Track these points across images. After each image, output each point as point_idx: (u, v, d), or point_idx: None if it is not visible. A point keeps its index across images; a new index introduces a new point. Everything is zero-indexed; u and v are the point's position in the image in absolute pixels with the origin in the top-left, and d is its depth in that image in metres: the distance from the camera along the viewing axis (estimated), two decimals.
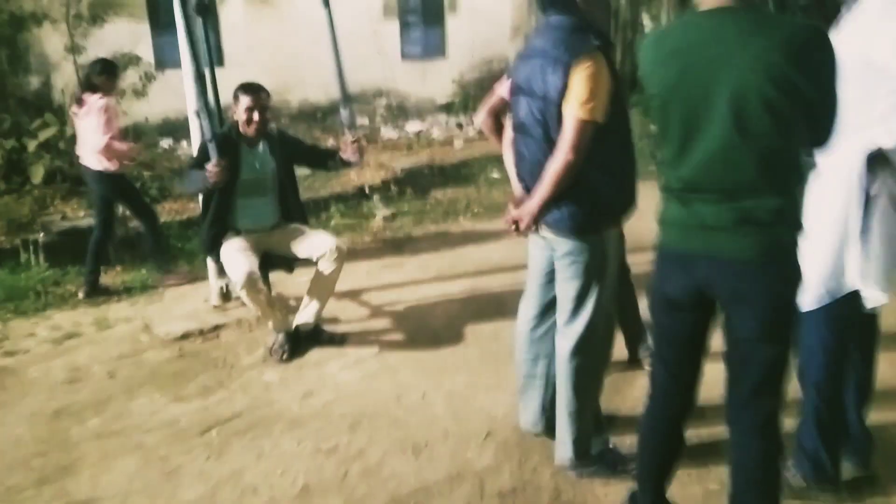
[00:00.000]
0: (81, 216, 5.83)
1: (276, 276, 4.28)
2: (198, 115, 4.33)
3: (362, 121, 11.95)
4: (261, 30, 10.85)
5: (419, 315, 4.43)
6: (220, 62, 10.69)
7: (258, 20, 10.95)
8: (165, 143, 9.40)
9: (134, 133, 8.97)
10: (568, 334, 2.59)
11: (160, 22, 9.98)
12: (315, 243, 3.85)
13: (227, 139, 3.73)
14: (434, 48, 12.80)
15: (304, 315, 3.94)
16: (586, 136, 2.31)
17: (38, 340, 4.24)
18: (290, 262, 3.99)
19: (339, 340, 4.01)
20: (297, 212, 4.04)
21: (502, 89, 2.79)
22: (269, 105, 3.80)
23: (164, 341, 4.12)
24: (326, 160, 4.03)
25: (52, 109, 9.10)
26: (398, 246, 6.14)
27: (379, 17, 11.91)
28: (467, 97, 12.70)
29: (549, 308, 2.75)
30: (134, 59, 9.14)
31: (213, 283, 4.54)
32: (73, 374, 3.78)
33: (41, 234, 5.49)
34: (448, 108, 12.58)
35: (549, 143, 2.40)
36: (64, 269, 5.39)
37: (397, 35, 12.28)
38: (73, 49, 8.93)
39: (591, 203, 2.45)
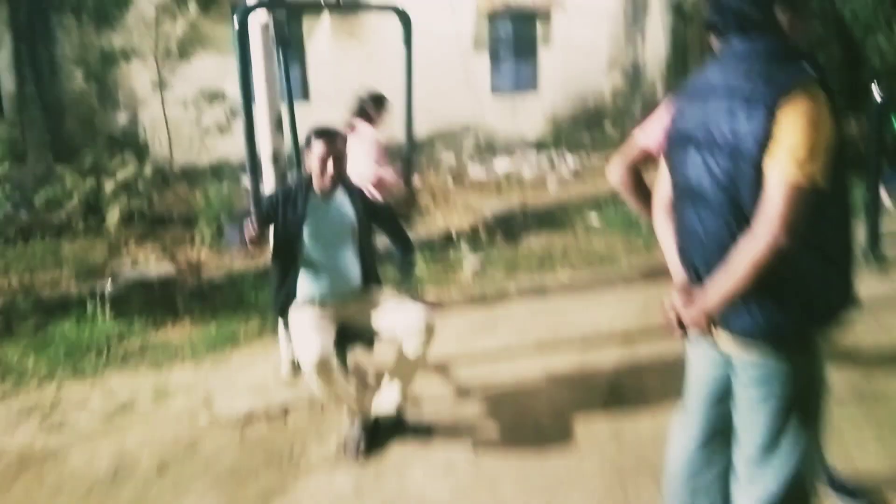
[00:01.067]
0: (152, 263, 5.45)
1: None
2: (273, 160, 3.85)
3: (448, 157, 11.45)
4: (348, 63, 10.53)
5: (518, 400, 3.74)
6: (306, 96, 10.44)
7: (345, 53, 10.64)
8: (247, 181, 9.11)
9: (204, 171, 8.75)
10: (753, 494, 1.84)
11: None
12: (400, 317, 3.23)
13: (300, 192, 3.22)
14: (525, 82, 12.23)
15: (385, 403, 3.32)
16: (802, 208, 1.60)
17: (89, 413, 3.78)
18: (371, 338, 3.37)
19: (424, 432, 3.37)
20: (373, 275, 3.44)
21: (647, 138, 2.13)
22: (346, 153, 3.24)
23: (224, 423, 3.58)
24: (398, 242, 3.58)
25: (138, 147, 9.00)
26: (489, 302, 5.48)
27: (469, 50, 11.44)
28: (560, 133, 12.05)
29: (719, 439, 2.01)
30: (219, 96, 8.94)
31: (284, 352, 4.00)
32: (118, 463, 3.27)
33: (108, 284, 5.12)
34: (539, 146, 11.96)
35: (738, 216, 1.71)
36: (129, 322, 4.98)
37: (487, 68, 11.77)
38: (161, 84, 8.80)
39: (800, 303, 1.73)
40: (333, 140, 3.19)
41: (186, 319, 5.12)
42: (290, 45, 4.22)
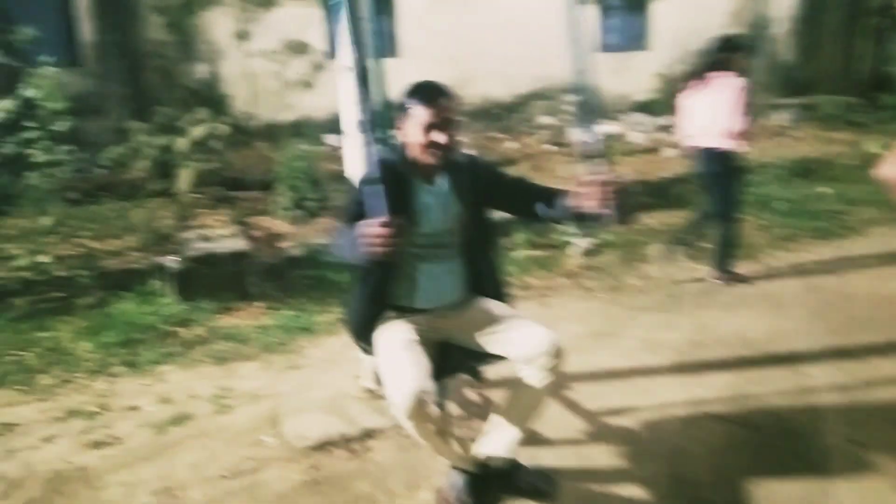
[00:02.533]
0: (224, 234, 4.84)
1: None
2: (360, 128, 3.05)
3: (546, 119, 10.48)
4: (442, 16, 9.65)
5: (665, 448, 2.89)
6: (394, 52, 9.65)
7: (439, 5, 9.74)
8: (333, 140, 8.45)
9: (286, 129, 8.11)
10: None
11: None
12: (520, 338, 2.43)
13: (394, 173, 2.37)
14: (636, 38, 11.04)
15: (495, 444, 2.54)
16: None
17: (138, 421, 3.17)
18: (477, 362, 2.58)
19: (545, 487, 2.58)
20: (490, 282, 2.62)
21: None
22: (458, 118, 2.42)
23: (292, 449, 2.89)
24: (538, 205, 2.46)
25: (217, 101, 8.45)
26: (605, 297, 4.61)
27: (574, 2, 10.32)
28: (672, 94, 10.83)
29: None
30: (302, 47, 8.26)
31: (367, 361, 3.27)
32: (163, 497, 2.63)
33: (173, 259, 4.53)
34: (646, 107, 10.80)
35: None
36: (195, 303, 4.38)
37: (595, 22, 10.64)
38: (242, 35, 8.18)
39: None
40: (442, 101, 2.34)
41: (258, 302, 4.49)
42: None
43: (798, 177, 7.40)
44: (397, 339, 2.39)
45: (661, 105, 10.70)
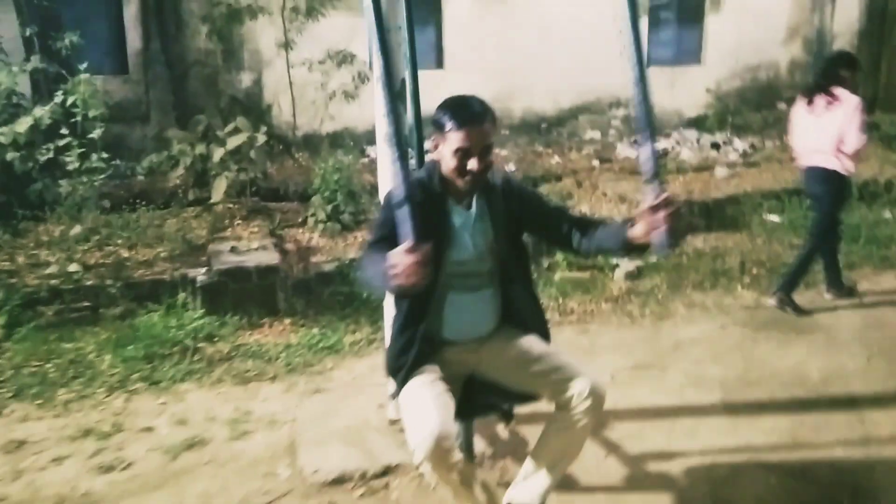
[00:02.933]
0: (255, 247, 4.72)
1: None
2: (388, 142, 2.88)
3: (593, 134, 10.21)
4: (487, 27, 9.47)
5: (711, 500, 2.63)
6: (440, 64, 9.51)
7: (485, 16, 9.57)
8: (373, 151, 8.33)
9: (327, 140, 8.02)
10: None
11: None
12: (556, 377, 2.21)
13: (426, 193, 2.18)
14: (688, 51, 10.69)
15: (524, 492, 2.32)
16: None
17: (151, 444, 3.04)
18: (509, 401, 2.37)
19: None
20: (526, 313, 2.40)
21: None
22: (493, 142, 2.19)
23: (308, 483, 2.71)
24: (580, 237, 2.23)
25: (260, 110, 8.41)
26: (650, 325, 4.34)
27: (626, 14, 10.04)
28: (725, 111, 10.45)
29: None
30: (348, 58, 8.18)
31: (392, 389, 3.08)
32: None
33: (201, 272, 4.42)
34: (698, 123, 10.44)
35: None
36: (221, 318, 4.26)
37: (645, 35, 10.33)
38: (287, 45, 8.13)
39: None
40: (479, 125, 2.11)
41: (287, 319, 4.35)
42: None
43: (860, 200, 6.99)
44: (421, 375, 2.19)
45: (713, 121, 10.34)
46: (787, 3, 10.98)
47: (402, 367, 2.23)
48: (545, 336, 2.40)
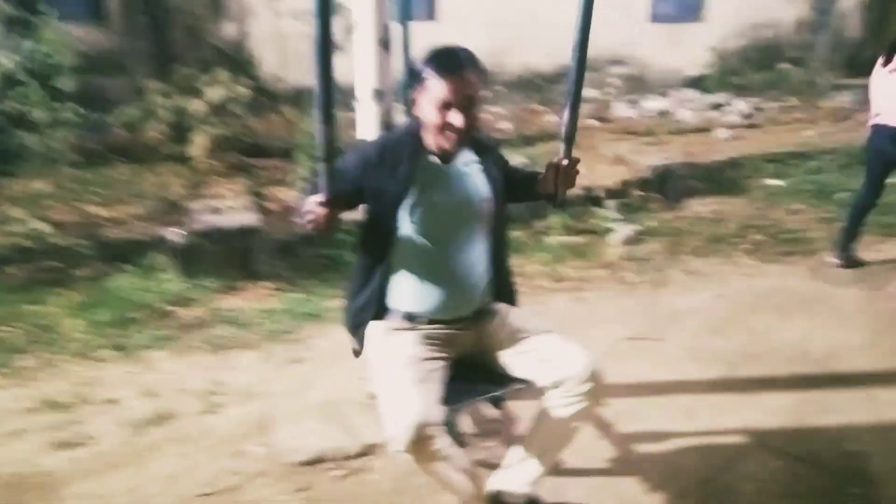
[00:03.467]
0: (235, 206, 4.48)
1: None
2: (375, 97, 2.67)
3: (589, 92, 9.89)
4: None
5: (712, 486, 2.47)
6: (432, 15, 9.14)
7: None
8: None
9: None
10: None
11: None
12: (550, 359, 2.02)
13: (400, 149, 2.01)
14: (690, 7, 10.32)
15: (514, 478, 2.15)
16: None
17: (117, 418, 2.85)
18: (499, 386, 2.17)
19: None
20: (507, 285, 2.22)
21: None
22: (480, 97, 1.96)
23: (282, 465, 2.54)
24: (532, 189, 2.20)
25: (245, 62, 8.07)
26: (647, 293, 4.16)
27: None
28: (727, 70, 10.14)
29: None
30: (338, 8, 7.79)
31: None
32: None
33: (177, 233, 4.19)
34: (698, 83, 10.13)
35: None
36: (198, 281, 4.05)
37: None
38: None
39: None
40: (463, 73, 1.89)
41: (266, 283, 4.14)
42: None
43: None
44: (401, 354, 1.99)
45: (714, 81, 10.03)
46: None
47: (362, 324, 2.13)
48: (513, 300, 2.25)
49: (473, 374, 2.15)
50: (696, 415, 2.87)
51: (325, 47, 1.66)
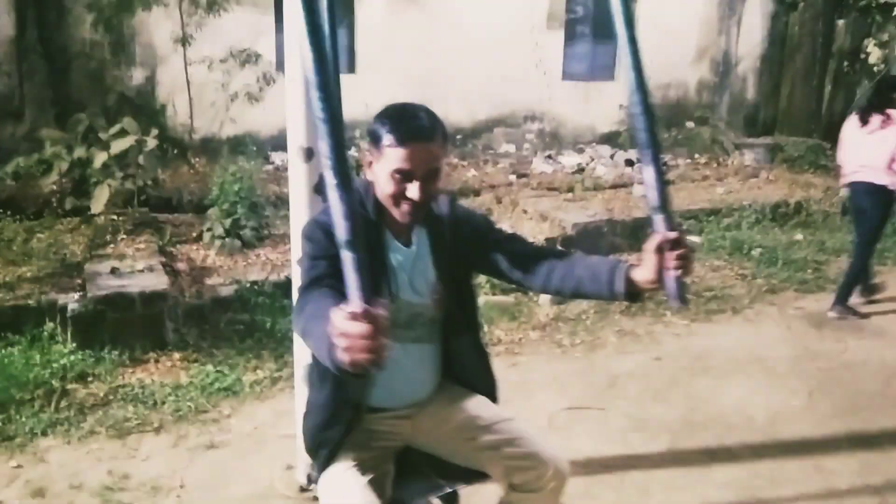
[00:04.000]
0: (140, 268, 4.10)
1: None
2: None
3: (508, 147, 9.99)
4: (402, 31, 9.09)
5: None
6: (352, 68, 9.04)
7: (399, 20, 9.18)
8: (279, 158, 7.77)
9: (228, 145, 7.36)
10: None
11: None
12: (509, 450, 1.81)
13: (363, 226, 1.72)
14: (602, 67, 10.65)
15: None
16: None
17: None
18: (452, 481, 1.93)
19: None
20: (474, 369, 1.98)
21: None
22: (441, 166, 1.72)
23: None
24: (551, 272, 1.76)
25: (153, 110, 7.67)
26: (580, 357, 4.04)
27: (541, 27, 9.90)
28: (654, 117, 10.45)
29: None
30: (253, 57, 7.58)
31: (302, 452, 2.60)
32: None
33: (74, 298, 3.78)
34: (612, 139, 10.41)
35: None
36: (97, 353, 3.64)
37: (560, 49, 10.22)
38: (184, 40, 7.45)
39: None
40: (427, 138, 1.64)
41: (175, 354, 3.76)
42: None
43: (772, 221, 7.02)
44: (347, 456, 1.74)
45: (626, 138, 10.32)
46: (696, 25, 11.16)
47: (324, 445, 1.77)
48: (493, 396, 2.00)
49: (423, 469, 1.91)
50: (649, 493, 2.72)
51: (330, 103, 1.21)
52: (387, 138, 1.63)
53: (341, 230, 1.18)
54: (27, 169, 5.16)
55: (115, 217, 5.08)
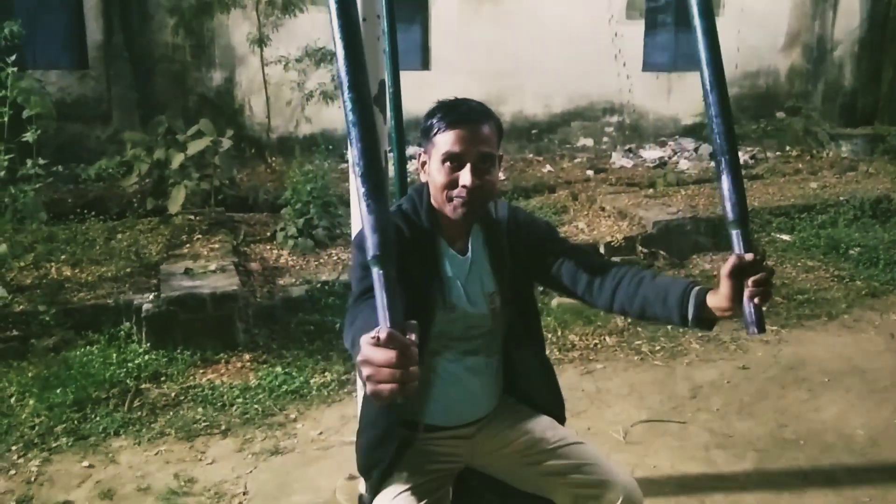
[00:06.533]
0: (212, 269, 4.13)
1: None
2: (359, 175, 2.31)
3: (585, 142, 9.72)
4: (477, 26, 8.96)
5: None
6: (426, 65, 8.98)
7: (474, 16, 9.05)
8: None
9: (303, 144, 7.41)
10: None
11: None
12: (577, 477, 1.67)
13: (411, 234, 1.64)
14: (685, 57, 10.22)
15: None
16: None
17: None
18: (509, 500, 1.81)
19: None
20: (538, 386, 1.85)
21: None
22: (495, 154, 1.62)
23: None
24: (617, 291, 1.62)
25: (232, 110, 7.83)
26: (662, 363, 3.82)
27: (621, 17, 9.57)
28: (731, 120, 9.97)
29: None
30: (328, 56, 7.62)
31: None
32: None
33: (148, 299, 3.84)
34: (695, 131, 9.98)
35: None
36: (169, 355, 3.68)
37: (641, 39, 9.86)
38: (261, 41, 7.54)
39: None
40: (476, 121, 1.57)
41: (245, 355, 3.77)
42: None
43: (871, 218, 6.53)
44: (400, 479, 1.64)
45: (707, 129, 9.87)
46: (787, 9, 10.57)
47: (375, 466, 1.68)
48: (559, 416, 1.86)
49: (485, 492, 1.79)
50: None
51: (362, 102, 1.09)
52: (436, 126, 1.57)
53: (370, 244, 1.07)
54: (109, 171, 5.31)
55: (191, 217, 5.18)
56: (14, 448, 2.93)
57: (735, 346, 4.04)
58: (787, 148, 9.38)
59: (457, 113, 1.58)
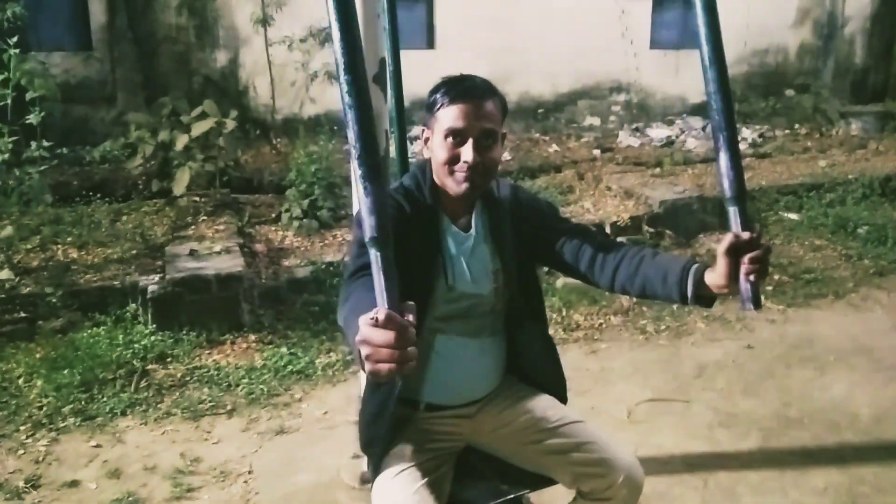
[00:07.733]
0: (217, 250, 4.14)
1: None
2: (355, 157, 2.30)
3: (592, 121, 9.65)
4: (482, 3, 8.87)
5: None
6: (431, 43, 8.91)
7: None
8: None
9: (308, 125, 7.36)
10: None
11: None
12: (579, 455, 1.67)
13: (414, 210, 1.63)
14: (693, 34, 10.09)
15: None
16: None
17: None
18: (516, 486, 1.81)
19: None
20: (541, 365, 1.85)
21: None
22: (498, 131, 1.62)
23: None
24: (617, 270, 1.61)
25: (237, 92, 7.80)
26: (667, 342, 3.82)
27: None
28: (730, 96, 9.88)
29: None
30: (328, 36, 7.52)
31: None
32: None
33: (154, 280, 3.85)
34: (703, 110, 9.88)
35: None
36: (175, 336, 3.70)
37: (648, 16, 9.75)
38: (264, 21, 7.49)
39: None
40: (479, 97, 1.57)
41: (251, 336, 3.79)
42: None
43: (881, 196, 6.47)
44: (400, 459, 1.64)
45: None
46: None
47: (374, 441, 1.68)
48: (561, 395, 1.86)
49: (484, 473, 1.80)
50: (736, 496, 2.52)
51: (357, 81, 1.05)
52: (439, 101, 1.57)
53: (367, 226, 1.05)
54: (114, 153, 5.30)
55: (196, 199, 5.18)
56: (22, 428, 2.96)
57: (741, 326, 4.02)
58: (797, 126, 9.29)
59: (460, 88, 1.58)
